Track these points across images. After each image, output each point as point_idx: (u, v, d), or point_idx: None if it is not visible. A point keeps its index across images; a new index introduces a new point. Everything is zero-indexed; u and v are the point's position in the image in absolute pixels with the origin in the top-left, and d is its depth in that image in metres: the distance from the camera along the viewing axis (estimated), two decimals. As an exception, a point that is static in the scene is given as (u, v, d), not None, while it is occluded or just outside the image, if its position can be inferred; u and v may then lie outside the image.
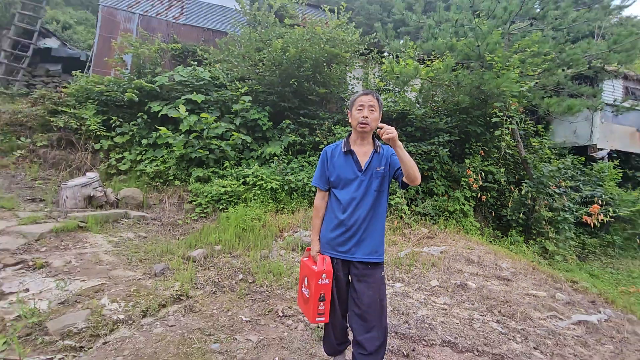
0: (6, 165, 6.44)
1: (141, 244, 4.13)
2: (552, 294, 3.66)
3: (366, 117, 1.80)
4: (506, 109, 6.19)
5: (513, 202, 6.62)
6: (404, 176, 1.74)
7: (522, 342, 2.63)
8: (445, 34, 7.36)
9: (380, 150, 1.88)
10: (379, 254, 1.85)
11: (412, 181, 1.72)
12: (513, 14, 6.71)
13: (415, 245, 4.88)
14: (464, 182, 6.24)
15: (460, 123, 6.93)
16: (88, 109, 7.01)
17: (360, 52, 8.20)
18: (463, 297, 3.38)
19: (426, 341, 2.51)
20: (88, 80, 7.47)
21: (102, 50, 9.93)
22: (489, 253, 4.65)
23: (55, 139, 6.95)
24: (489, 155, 7.00)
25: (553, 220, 6.39)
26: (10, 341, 2.07)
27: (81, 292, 2.73)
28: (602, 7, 7.43)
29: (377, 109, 1.83)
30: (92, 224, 4.42)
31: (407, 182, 1.77)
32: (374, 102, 1.82)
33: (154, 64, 8.17)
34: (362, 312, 1.82)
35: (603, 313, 3.30)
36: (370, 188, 1.83)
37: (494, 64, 6.06)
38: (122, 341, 2.26)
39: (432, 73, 6.51)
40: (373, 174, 1.84)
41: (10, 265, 3.07)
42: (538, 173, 6.57)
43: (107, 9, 10.22)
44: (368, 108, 1.81)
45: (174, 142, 6.24)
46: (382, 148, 1.90)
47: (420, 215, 5.91)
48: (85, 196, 5.23)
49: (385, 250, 3.80)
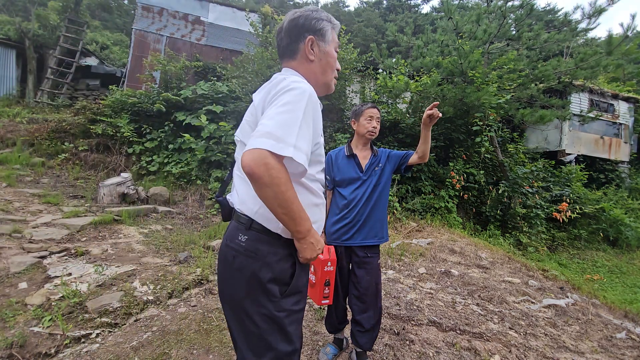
0: (52, 167, 6.50)
1: (167, 235, 4.14)
2: (526, 280, 3.63)
3: (375, 128, 1.86)
4: (485, 119, 6.16)
5: (491, 200, 6.58)
6: (419, 156, 1.79)
7: (499, 323, 2.61)
8: (432, 53, 7.33)
9: (377, 154, 1.91)
10: (379, 237, 1.87)
11: (424, 158, 1.79)
12: (492, 35, 6.68)
13: (406, 238, 4.86)
14: (448, 182, 6.22)
15: (445, 131, 6.90)
16: (122, 118, 7.06)
17: (358, 68, 8.18)
18: (447, 283, 3.37)
19: (415, 321, 2.51)
20: (122, 94, 7.53)
21: (135, 67, 9.99)
22: (470, 245, 4.62)
23: (94, 144, 7.01)
24: (470, 159, 6.96)
25: (526, 216, 6.34)
26: (55, 318, 2.09)
27: (116, 276, 2.75)
28: (570, 29, 7.36)
29: (380, 120, 1.91)
30: (125, 218, 4.45)
31: (417, 162, 1.81)
32: (379, 114, 1.90)
33: (179, 79, 8.20)
34: (360, 294, 1.83)
35: (570, 298, 3.28)
36: (370, 185, 1.85)
37: (475, 79, 6.03)
38: (151, 319, 2.27)
39: (421, 87, 6.49)
40: (372, 173, 1.86)
41: (55, 252, 3.10)
42: (513, 175, 6.53)
43: (139, 32, 10.29)
44: (376, 120, 1.86)
45: (196, 147, 6.27)
46: (378, 151, 1.93)
47: (410, 211, 5.90)
48: (120, 193, 5.26)
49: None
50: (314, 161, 0.95)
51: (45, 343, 1.91)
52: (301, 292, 0.99)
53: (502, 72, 6.53)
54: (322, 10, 1.06)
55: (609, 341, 2.55)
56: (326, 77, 1.07)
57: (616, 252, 7.04)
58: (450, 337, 2.33)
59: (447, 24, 7.31)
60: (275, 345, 0.91)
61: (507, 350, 2.23)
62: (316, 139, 0.92)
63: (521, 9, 6.88)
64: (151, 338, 2.04)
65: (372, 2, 35.33)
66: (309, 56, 1.03)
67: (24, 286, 2.48)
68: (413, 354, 2.09)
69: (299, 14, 1.03)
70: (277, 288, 0.92)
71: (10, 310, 2.16)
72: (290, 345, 0.93)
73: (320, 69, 1.05)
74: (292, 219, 0.84)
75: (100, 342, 2.00)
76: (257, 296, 0.91)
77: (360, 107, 1.91)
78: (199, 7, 10.98)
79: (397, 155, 1.90)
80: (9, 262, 2.75)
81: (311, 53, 1.03)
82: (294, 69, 1.05)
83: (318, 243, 0.94)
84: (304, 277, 1.00)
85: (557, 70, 7.04)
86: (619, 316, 3.11)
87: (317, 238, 0.94)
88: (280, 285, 0.92)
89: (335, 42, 1.07)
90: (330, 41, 1.05)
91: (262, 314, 0.91)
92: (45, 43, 11.61)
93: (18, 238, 3.29)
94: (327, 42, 1.04)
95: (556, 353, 2.26)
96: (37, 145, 6.95)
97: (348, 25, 27.19)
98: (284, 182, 0.78)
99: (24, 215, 4.05)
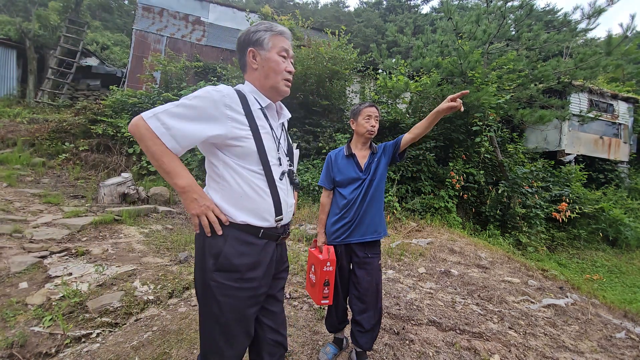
0: (53, 167, 6.50)
1: (168, 235, 4.14)
2: (525, 280, 3.63)
3: (374, 127, 1.84)
4: (485, 119, 6.16)
5: (491, 200, 6.58)
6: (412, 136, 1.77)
7: (499, 323, 2.61)
8: (432, 53, 7.34)
9: (376, 151, 1.90)
10: (378, 232, 1.86)
11: (416, 138, 1.78)
12: (491, 36, 6.68)
13: (405, 238, 4.86)
14: (448, 182, 6.21)
15: (445, 131, 6.90)
16: (123, 118, 7.06)
17: (358, 69, 8.20)
18: (447, 283, 3.37)
19: (414, 321, 2.51)
20: (123, 94, 7.53)
21: (135, 67, 10.00)
22: (469, 244, 4.62)
23: (94, 144, 7.01)
24: (470, 159, 6.96)
25: (526, 216, 6.34)
26: (56, 318, 2.09)
27: (116, 276, 2.75)
28: (570, 29, 7.35)
29: (378, 119, 1.88)
30: (126, 218, 4.45)
31: (410, 142, 1.79)
32: (378, 113, 1.87)
33: (180, 80, 8.21)
34: (360, 294, 1.82)
35: (570, 297, 3.28)
36: (369, 183, 1.85)
37: (475, 79, 6.03)
38: (151, 318, 2.27)
39: (421, 87, 6.49)
40: (371, 171, 1.86)
41: (56, 252, 3.10)
42: (513, 175, 6.53)
43: (139, 32, 10.29)
44: (375, 119, 1.84)
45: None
46: (377, 148, 1.92)
47: (410, 211, 5.89)
48: (120, 193, 5.26)
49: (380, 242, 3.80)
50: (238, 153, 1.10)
51: (45, 343, 1.91)
52: (239, 272, 1.09)
53: (501, 73, 6.53)
54: (264, 23, 1.18)
55: (609, 341, 2.55)
56: (270, 81, 1.18)
57: (615, 252, 7.04)
58: (450, 336, 2.33)
59: (446, 25, 7.31)
60: (205, 307, 1.11)
61: (507, 349, 2.23)
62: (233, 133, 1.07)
63: (521, 9, 6.88)
64: (152, 338, 2.04)
65: (372, 3, 35.32)
66: (252, 66, 1.18)
67: (25, 286, 2.48)
68: (413, 354, 2.08)
69: (242, 33, 1.20)
70: (212, 261, 1.09)
71: (10, 310, 2.16)
72: (220, 310, 1.08)
73: (263, 75, 1.17)
74: (166, 172, 1.04)
75: (101, 342, 2.00)
76: (200, 265, 1.13)
77: (359, 107, 1.90)
78: (199, 7, 10.98)
79: (390, 145, 1.87)
80: (9, 262, 2.75)
81: (254, 62, 1.17)
82: (246, 79, 1.22)
83: (202, 199, 1.07)
84: (244, 258, 1.10)
85: (557, 71, 7.04)
86: (618, 316, 3.11)
87: (201, 195, 1.08)
88: (214, 259, 1.09)
89: (277, 47, 1.16)
90: (270, 48, 1.16)
91: (200, 280, 1.12)
92: (45, 43, 11.61)
93: (19, 238, 3.29)
94: (267, 50, 1.15)
95: (556, 353, 2.26)
96: (37, 145, 6.96)
97: (348, 25, 27.18)
98: (149, 138, 1.00)
99: (25, 215, 4.05)
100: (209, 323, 1.12)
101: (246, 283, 1.11)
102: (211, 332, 1.12)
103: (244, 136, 1.09)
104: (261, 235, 1.15)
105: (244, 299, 1.11)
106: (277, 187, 1.17)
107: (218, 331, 1.11)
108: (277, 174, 1.18)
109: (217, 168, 1.13)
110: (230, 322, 1.10)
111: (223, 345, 1.11)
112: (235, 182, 1.10)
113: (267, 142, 1.14)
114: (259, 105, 1.17)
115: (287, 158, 1.27)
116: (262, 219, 1.14)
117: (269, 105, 1.20)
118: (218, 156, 1.12)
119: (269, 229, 1.17)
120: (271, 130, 1.19)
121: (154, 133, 1.01)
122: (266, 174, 1.14)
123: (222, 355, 1.12)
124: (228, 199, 1.11)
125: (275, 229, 1.19)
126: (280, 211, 1.18)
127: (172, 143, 1.02)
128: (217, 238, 1.10)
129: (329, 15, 34.67)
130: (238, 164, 1.11)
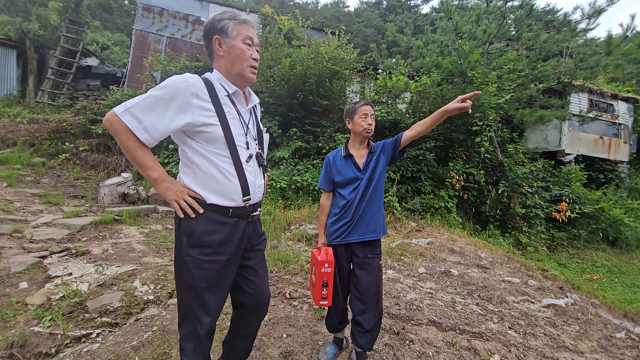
0: (53, 167, 6.50)
1: (168, 235, 4.14)
2: (525, 280, 3.63)
3: (370, 125, 1.83)
4: (485, 119, 6.16)
5: (491, 200, 6.58)
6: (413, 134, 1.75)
7: (499, 323, 2.61)
8: (432, 53, 7.34)
9: (374, 150, 1.89)
10: (377, 231, 1.85)
11: (417, 136, 1.76)
12: (491, 36, 6.68)
13: (405, 237, 4.86)
14: (448, 183, 6.21)
15: (445, 131, 6.90)
16: (123, 118, 7.06)
17: (358, 69, 8.19)
18: (447, 283, 3.37)
19: (414, 321, 2.50)
20: (123, 94, 7.53)
21: (135, 67, 10.00)
22: (469, 244, 4.62)
23: (94, 144, 7.01)
24: (470, 159, 6.96)
25: (526, 216, 6.34)
26: (56, 318, 2.09)
27: (116, 276, 2.75)
28: (570, 29, 7.35)
29: (374, 117, 1.87)
30: (126, 218, 4.45)
31: (410, 139, 1.78)
32: (373, 111, 1.86)
33: (180, 80, 8.20)
34: (360, 295, 1.82)
35: (570, 297, 3.28)
36: (367, 182, 1.84)
37: (475, 79, 6.03)
38: (151, 319, 2.27)
39: (421, 87, 6.49)
40: (370, 170, 1.84)
41: (56, 252, 3.10)
42: (513, 175, 6.53)
43: (139, 32, 10.29)
44: (371, 117, 1.83)
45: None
46: (375, 146, 1.90)
47: (410, 211, 5.89)
48: (120, 193, 5.26)
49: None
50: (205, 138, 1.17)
51: (45, 343, 1.91)
52: (210, 247, 1.20)
53: (501, 73, 6.53)
54: (229, 11, 1.25)
55: (609, 341, 2.55)
56: (236, 67, 1.24)
57: (615, 252, 7.04)
58: (450, 336, 2.33)
59: (446, 25, 7.31)
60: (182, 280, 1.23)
61: (507, 349, 2.23)
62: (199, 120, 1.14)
63: (521, 9, 6.88)
64: (152, 337, 2.04)
65: (372, 3, 35.31)
66: (218, 53, 1.24)
67: (25, 286, 2.48)
68: (413, 354, 2.08)
69: (208, 21, 1.25)
70: (186, 239, 1.20)
71: (10, 310, 2.16)
72: (193, 281, 1.19)
73: (229, 62, 1.23)
74: (140, 165, 1.13)
75: (101, 342, 1.99)
76: (177, 244, 1.24)
77: (354, 106, 1.89)
78: (199, 7, 10.98)
79: (390, 143, 1.85)
80: (9, 262, 2.75)
81: (220, 50, 1.23)
82: (214, 67, 1.29)
83: (175, 186, 1.17)
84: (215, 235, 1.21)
85: (557, 71, 7.04)
86: (618, 316, 3.11)
87: (173, 183, 1.18)
88: (187, 237, 1.19)
89: (242, 34, 1.22)
90: (235, 35, 1.21)
91: (177, 257, 1.24)
92: (45, 43, 11.61)
93: (19, 238, 3.29)
94: (231, 37, 1.21)
95: (556, 353, 2.26)
96: (37, 145, 6.96)
97: (348, 25, 27.17)
98: (123, 133, 1.08)
99: (25, 215, 4.05)
100: (186, 295, 1.23)
101: (217, 256, 1.22)
102: (189, 302, 1.23)
103: (211, 123, 1.16)
104: (231, 215, 1.24)
105: (215, 271, 1.22)
106: (245, 170, 1.25)
107: (194, 300, 1.22)
108: (244, 157, 1.25)
109: (187, 154, 1.20)
110: (204, 291, 1.21)
111: (200, 313, 1.22)
112: (204, 166, 1.19)
113: (234, 128, 1.21)
114: (226, 92, 1.24)
115: (255, 142, 1.34)
116: (230, 199, 1.23)
117: (236, 92, 1.26)
118: (187, 143, 1.19)
119: (238, 208, 1.25)
120: (238, 116, 1.26)
121: (127, 127, 1.07)
122: (233, 158, 1.22)
123: (200, 321, 1.23)
124: (198, 182, 1.20)
125: (244, 208, 1.28)
126: (247, 192, 1.26)
127: (144, 136, 1.09)
128: (190, 219, 1.19)
129: (329, 15, 34.68)
130: (206, 149, 1.18)
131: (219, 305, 1.28)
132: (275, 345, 2.09)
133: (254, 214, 1.34)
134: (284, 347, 2.06)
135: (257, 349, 2.04)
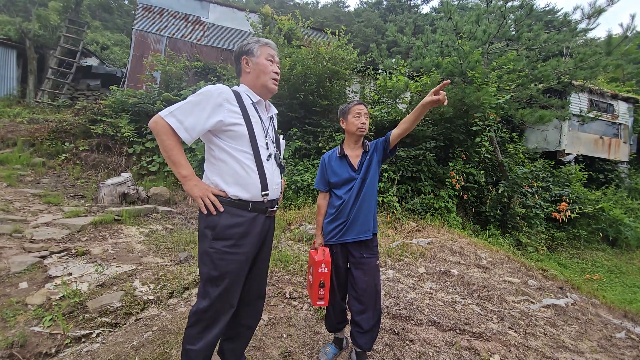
0: (53, 167, 6.51)
1: (168, 235, 4.15)
2: (525, 280, 3.63)
3: (364, 124, 1.84)
4: (485, 119, 6.16)
5: (491, 200, 6.58)
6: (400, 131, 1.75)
7: (499, 323, 2.61)
8: (432, 53, 7.34)
9: (368, 149, 1.89)
10: (371, 231, 1.85)
11: (403, 134, 1.77)
12: (491, 36, 6.68)
13: (405, 238, 4.86)
14: (448, 183, 6.21)
15: (445, 131, 6.90)
16: (123, 119, 7.06)
17: (357, 69, 8.20)
18: (447, 283, 3.37)
19: (414, 321, 2.51)
20: (123, 94, 7.53)
21: (135, 67, 10.00)
22: (469, 244, 4.62)
23: (94, 144, 7.01)
24: (470, 159, 6.96)
25: (526, 216, 6.34)
26: (56, 318, 2.09)
27: (116, 276, 2.75)
28: (570, 29, 7.35)
29: (368, 116, 1.89)
30: (126, 218, 4.45)
31: (399, 137, 1.77)
32: (367, 110, 1.88)
33: (180, 80, 8.21)
34: (358, 295, 1.82)
35: (570, 297, 3.28)
36: (361, 182, 1.84)
37: (475, 79, 6.03)
38: (151, 319, 2.27)
39: (420, 87, 6.49)
40: (363, 170, 1.85)
41: (56, 252, 3.10)
42: (513, 175, 6.53)
43: (139, 32, 10.29)
44: (364, 116, 1.84)
45: (196, 147, 6.27)
46: (369, 146, 1.90)
47: (410, 211, 5.89)
48: (120, 193, 5.26)
49: (379, 242, 3.80)
50: (232, 135, 1.35)
51: (45, 343, 1.91)
52: (232, 239, 1.34)
53: (501, 73, 6.53)
54: (254, 38, 1.52)
55: (609, 341, 2.55)
56: (260, 80, 1.47)
57: (615, 252, 7.04)
58: (449, 336, 2.33)
59: (446, 25, 7.31)
60: (206, 270, 1.35)
61: (507, 349, 2.23)
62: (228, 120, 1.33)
63: (521, 9, 6.88)
64: (152, 338, 2.04)
65: (372, 3, 35.32)
66: (245, 70, 1.48)
67: (25, 286, 2.48)
68: (413, 354, 2.08)
69: (236, 48, 1.52)
70: (210, 232, 1.34)
71: (10, 310, 2.16)
72: (216, 271, 1.33)
73: (255, 76, 1.47)
74: (173, 163, 1.30)
75: (101, 342, 2.00)
76: (201, 237, 1.38)
77: (347, 105, 1.89)
78: (199, 7, 10.98)
79: (381, 142, 1.85)
80: (9, 262, 2.75)
81: (247, 67, 1.48)
82: (241, 82, 1.52)
83: (201, 184, 1.33)
84: (236, 229, 1.35)
85: (557, 71, 7.04)
86: (618, 316, 3.11)
87: (199, 181, 1.34)
88: (212, 231, 1.34)
89: (265, 53, 1.47)
90: (259, 54, 1.46)
91: (201, 250, 1.37)
92: (45, 43, 11.61)
93: (19, 238, 3.29)
94: (256, 56, 1.46)
95: (556, 353, 2.26)
96: (37, 145, 6.96)
97: (348, 25, 27.16)
98: (164, 133, 1.27)
99: (25, 215, 4.05)
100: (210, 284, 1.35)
101: (238, 249, 1.36)
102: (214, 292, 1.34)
103: (238, 122, 1.35)
104: (250, 209, 1.38)
105: (236, 262, 1.36)
106: (264, 167, 1.41)
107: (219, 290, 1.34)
108: (265, 155, 1.43)
109: (213, 151, 1.37)
110: (226, 281, 1.35)
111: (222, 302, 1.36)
112: (228, 162, 1.36)
113: (256, 129, 1.40)
114: (251, 100, 1.44)
115: (274, 145, 1.53)
116: (250, 192, 1.38)
117: (259, 101, 1.48)
118: (214, 142, 1.36)
119: (257, 202, 1.41)
120: (260, 121, 1.45)
121: (171, 128, 1.26)
122: (254, 155, 1.39)
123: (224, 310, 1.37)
124: (222, 176, 1.36)
125: (262, 203, 1.43)
126: (266, 187, 1.41)
127: (185, 135, 1.28)
128: (214, 215, 1.34)
129: (329, 15, 34.68)
130: (231, 146, 1.35)
131: (239, 296, 1.42)
132: (275, 345, 2.09)
133: (272, 209, 1.48)
134: (284, 347, 2.06)
135: (257, 349, 2.04)
